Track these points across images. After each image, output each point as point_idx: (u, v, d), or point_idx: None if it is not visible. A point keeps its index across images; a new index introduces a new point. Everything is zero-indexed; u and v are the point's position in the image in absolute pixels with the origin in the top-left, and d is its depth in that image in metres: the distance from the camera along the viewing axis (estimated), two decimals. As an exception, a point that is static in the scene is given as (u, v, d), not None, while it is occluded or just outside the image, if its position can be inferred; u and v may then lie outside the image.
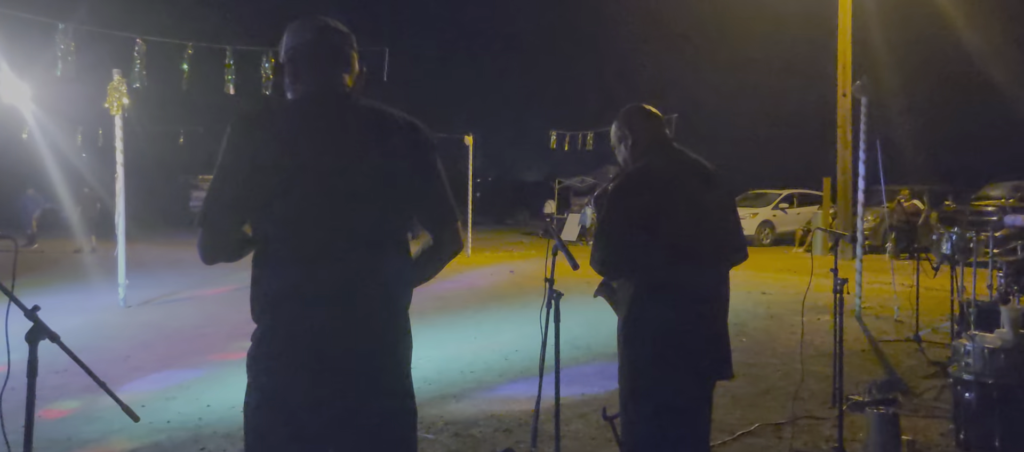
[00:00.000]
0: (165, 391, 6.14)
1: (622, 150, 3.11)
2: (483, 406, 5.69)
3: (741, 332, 8.50)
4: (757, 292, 11.70)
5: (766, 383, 6.29)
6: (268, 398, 2.10)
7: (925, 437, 4.88)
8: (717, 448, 4.67)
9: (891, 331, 8.53)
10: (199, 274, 12.71)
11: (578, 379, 6.40)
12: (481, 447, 4.77)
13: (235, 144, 2.08)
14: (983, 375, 4.39)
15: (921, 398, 5.85)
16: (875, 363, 7.08)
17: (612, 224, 2.92)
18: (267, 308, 2.10)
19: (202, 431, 5.12)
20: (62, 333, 2.34)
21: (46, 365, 4.58)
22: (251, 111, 2.18)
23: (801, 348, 6.70)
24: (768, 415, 5.35)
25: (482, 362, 7.12)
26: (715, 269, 3.02)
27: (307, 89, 2.23)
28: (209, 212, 2.09)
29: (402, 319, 2.24)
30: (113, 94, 9.76)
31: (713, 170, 3.08)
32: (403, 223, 2.25)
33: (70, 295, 11.50)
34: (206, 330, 8.65)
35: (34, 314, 2.16)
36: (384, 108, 2.25)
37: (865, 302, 9.71)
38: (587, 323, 7.94)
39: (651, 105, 3.18)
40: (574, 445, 4.74)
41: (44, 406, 5.61)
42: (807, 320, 8.73)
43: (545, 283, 3.67)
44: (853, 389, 5.84)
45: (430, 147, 2.27)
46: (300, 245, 2.09)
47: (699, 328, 2.96)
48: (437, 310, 10.09)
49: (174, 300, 11.16)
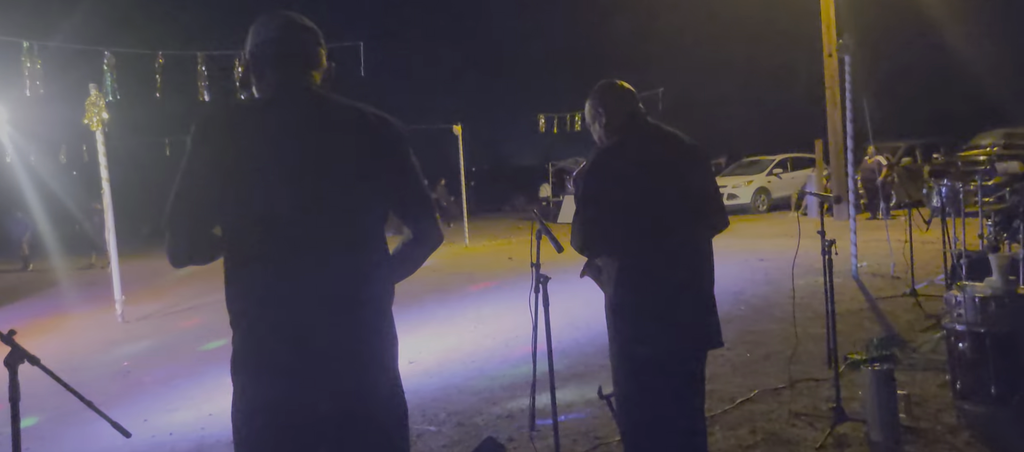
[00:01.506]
0: (167, 403, 6.15)
1: (596, 128, 3.10)
2: (485, 394, 5.70)
3: (739, 300, 8.52)
4: (754, 259, 11.71)
5: (765, 349, 6.31)
6: (252, 402, 2.08)
7: (922, 390, 4.91)
8: (718, 417, 4.69)
9: (888, 288, 8.55)
10: (195, 286, 12.69)
11: (580, 360, 6.41)
12: (484, 435, 4.79)
13: (198, 145, 2.05)
14: (975, 325, 4.40)
15: (919, 352, 5.87)
16: (872, 320, 7.10)
17: (589, 203, 2.92)
18: (243, 312, 2.08)
19: (205, 441, 5.13)
20: (59, 352, 2.34)
21: (46, 386, 4.60)
22: (214, 111, 2.15)
23: (795, 312, 6.70)
24: (768, 381, 5.37)
25: (483, 351, 7.13)
26: (696, 240, 3.01)
27: (273, 87, 2.19)
28: (175, 216, 2.06)
29: (384, 315, 2.20)
30: (91, 109, 9.73)
31: (689, 142, 3.07)
32: (378, 219, 2.21)
33: (68, 314, 11.51)
34: (204, 339, 8.65)
35: (11, 338, 2.14)
36: (353, 103, 2.21)
37: (861, 260, 9.73)
38: (585, 302, 7.94)
39: (628, 82, 3.17)
40: (576, 425, 4.76)
41: (46, 426, 5.63)
42: (805, 282, 8.75)
43: (532, 268, 3.68)
44: (851, 348, 5.87)
45: (402, 140, 2.24)
46: (272, 246, 2.05)
47: (685, 300, 2.96)
48: (437, 302, 10.10)
49: (172, 312, 11.16)
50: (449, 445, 4.67)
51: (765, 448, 4.19)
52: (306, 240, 2.07)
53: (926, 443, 4.08)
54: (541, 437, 4.53)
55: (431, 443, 4.73)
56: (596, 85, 3.13)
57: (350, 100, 2.22)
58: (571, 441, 4.46)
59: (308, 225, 2.08)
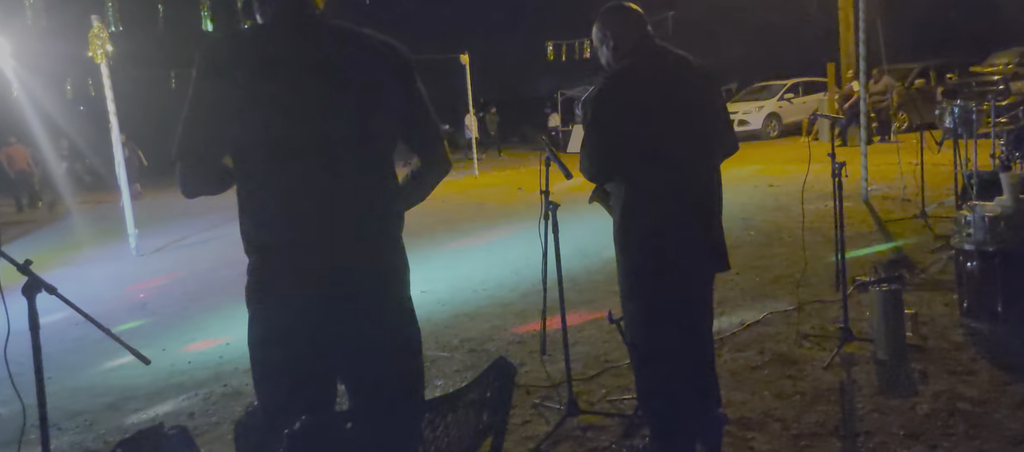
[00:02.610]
0: (184, 333, 6.27)
1: (604, 52, 3.06)
2: (496, 321, 5.78)
3: (749, 225, 8.54)
4: (764, 185, 11.69)
5: (774, 273, 6.35)
6: (268, 330, 2.12)
7: (929, 309, 4.95)
8: (726, 338, 4.75)
9: (898, 210, 8.54)
10: (207, 218, 12.79)
11: (589, 287, 6.48)
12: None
13: (204, 74, 2.04)
14: (984, 244, 4.41)
15: (927, 272, 5.90)
16: (882, 243, 7.12)
17: (597, 128, 2.90)
18: (256, 240, 2.10)
19: (223, 368, 5.25)
20: (75, 285, 2.37)
21: (67, 319, 4.68)
22: (218, 41, 2.14)
23: (804, 235, 6.72)
24: (777, 304, 5.42)
25: (494, 279, 7.20)
26: (704, 164, 3.01)
27: (276, 12, 2.16)
28: (185, 145, 2.06)
29: (395, 242, 2.22)
30: (95, 42, 9.65)
31: (698, 65, 3.03)
32: (387, 146, 2.20)
33: (81, 247, 11.65)
34: (219, 271, 8.76)
35: (27, 268, 2.18)
36: (358, 29, 2.19)
37: (872, 183, 9.70)
38: (593, 230, 7.97)
39: (637, 4, 3.12)
40: (587, 349, 4.84)
41: (67, 356, 5.76)
42: (816, 208, 8.75)
43: (541, 195, 3.70)
44: (860, 271, 5.90)
45: (410, 68, 2.22)
46: (282, 174, 2.06)
47: (692, 224, 2.97)
48: (447, 232, 10.16)
49: (185, 245, 11.27)
50: (462, 370, 4.76)
51: (773, 368, 4.26)
52: (315, 167, 2.07)
53: (931, 361, 4.14)
54: (552, 361, 4.61)
55: (445, 368, 4.83)
56: (603, 7, 3.08)
57: (354, 25, 2.19)
58: (582, 365, 4.54)
59: (316, 152, 2.07)
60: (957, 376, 3.92)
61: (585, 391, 4.16)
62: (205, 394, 4.79)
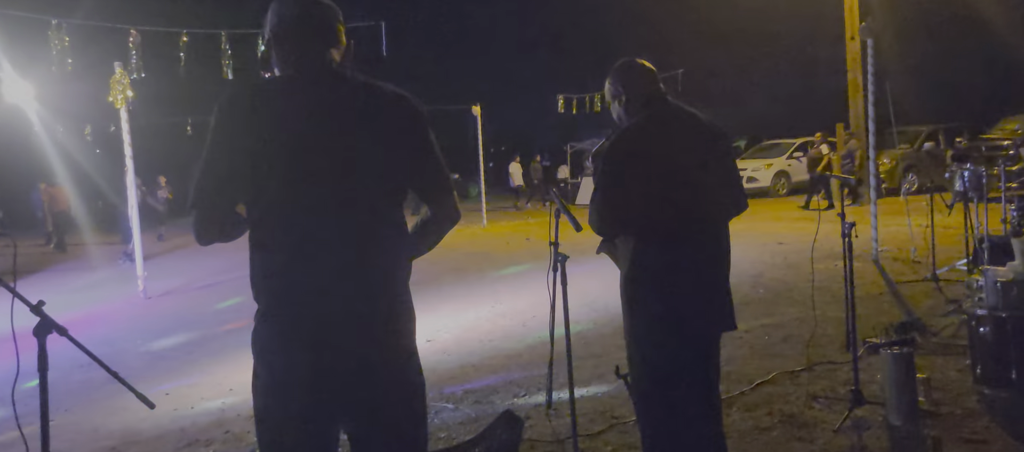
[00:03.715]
0: (189, 378, 6.24)
1: (616, 107, 3.09)
2: (502, 373, 5.73)
3: (758, 283, 8.49)
4: (773, 242, 11.66)
5: (784, 332, 6.29)
6: (273, 378, 2.11)
7: (942, 374, 4.88)
8: (735, 398, 4.69)
9: (908, 272, 8.49)
10: (216, 262, 12.82)
11: (597, 340, 6.43)
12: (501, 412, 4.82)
13: (222, 124, 2.08)
14: (997, 309, 4.37)
15: (939, 336, 5.83)
16: (893, 305, 7.06)
17: (607, 182, 2.91)
18: (265, 287, 2.11)
19: (226, 415, 5.20)
20: (84, 327, 2.37)
21: (71, 360, 4.64)
22: (238, 91, 2.17)
23: (814, 294, 6.67)
24: (786, 363, 5.36)
25: (500, 330, 7.16)
26: (714, 222, 3.00)
27: (294, 66, 2.21)
28: (200, 194, 2.09)
29: (402, 292, 2.22)
30: (116, 87, 9.82)
31: (709, 123, 3.05)
32: (398, 197, 2.22)
33: (91, 289, 11.67)
34: (226, 316, 8.76)
35: (40, 309, 2.18)
36: (373, 82, 2.23)
37: (882, 245, 9.66)
38: (602, 283, 7.94)
39: (649, 61, 3.15)
40: (593, 405, 4.77)
41: (70, 398, 5.73)
42: (826, 267, 8.70)
43: (550, 247, 3.69)
44: (871, 332, 5.84)
45: (421, 118, 2.24)
46: (294, 223, 2.08)
47: (699, 281, 2.95)
48: (455, 281, 10.14)
49: (193, 289, 11.28)
50: (466, 422, 4.70)
51: (782, 430, 4.19)
52: (326, 217, 2.09)
53: (945, 427, 4.06)
54: (558, 415, 4.55)
55: (448, 419, 4.77)
56: (617, 63, 3.11)
57: (369, 78, 2.23)
58: (588, 420, 4.48)
59: (328, 202, 2.09)
60: (972, 444, 3.84)
61: (590, 448, 4.10)
62: (206, 440, 4.74)
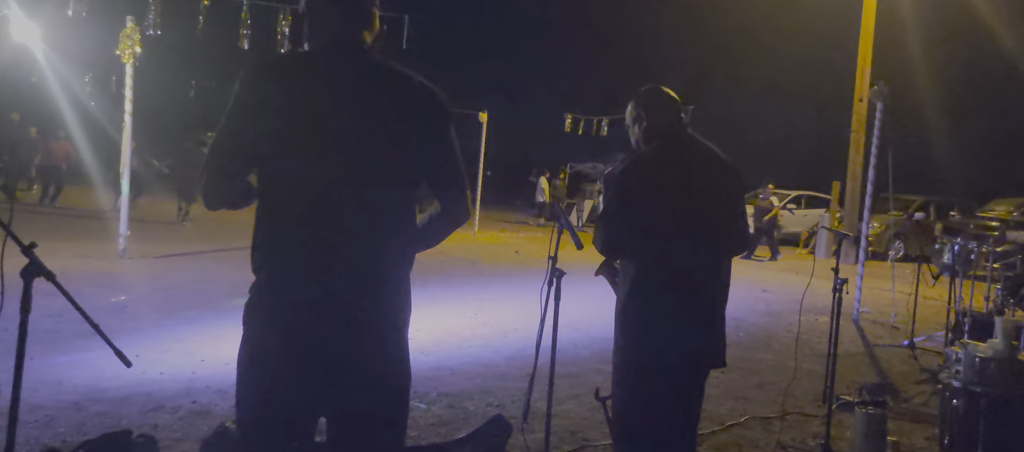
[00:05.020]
0: (160, 343, 6.16)
1: (635, 131, 3.09)
2: (478, 381, 5.71)
3: (739, 326, 8.51)
4: (757, 289, 11.71)
5: (759, 377, 6.31)
6: (259, 351, 2.10)
7: (910, 440, 4.91)
8: (706, 437, 4.69)
9: (886, 336, 8.55)
10: (199, 232, 12.74)
11: (574, 361, 6.42)
12: (473, 419, 4.79)
13: (246, 92, 2.07)
14: (972, 383, 4.39)
15: (910, 403, 5.87)
16: (868, 366, 7.10)
17: (616, 206, 2.92)
18: (266, 260, 2.10)
19: (194, 384, 5.15)
20: (59, 278, 2.33)
21: (41, 309, 4.61)
22: (265, 60, 2.17)
23: (797, 346, 6.71)
24: (758, 408, 5.38)
25: (480, 339, 7.14)
26: (715, 258, 3.02)
27: (324, 42, 2.19)
28: (214, 158, 2.08)
29: (401, 283, 2.22)
30: (125, 42, 9.76)
31: (725, 159, 3.07)
32: (411, 186, 2.21)
33: (70, 243, 11.56)
34: (205, 287, 8.68)
35: (31, 251, 2.16)
36: (402, 69, 2.21)
37: (863, 306, 9.72)
38: (587, 308, 7.94)
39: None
40: (565, 424, 4.76)
41: (36, 347, 5.65)
42: (805, 320, 8.74)
43: (548, 261, 3.69)
44: (844, 390, 5.87)
45: (446, 114, 2.24)
46: (304, 198, 2.07)
47: (695, 315, 2.96)
48: (439, 283, 10.10)
49: (174, 256, 11.19)
50: (436, 424, 4.68)
51: (749, 474, 4.20)
52: (337, 197, 2.08)
53: (910, 493, 4.09)
54: (530, 430, 4.54)
55: (419, 420, 4.74)
56: (642, 88, 3.13)
57: (400, 66, 2.22)
58: (558, 439, 4.47)
59: (341, 183, 2.08)
60: (934, 512, 3.86)
61: (559, 467, 4.09)
62: (172, 407, 4.68)
